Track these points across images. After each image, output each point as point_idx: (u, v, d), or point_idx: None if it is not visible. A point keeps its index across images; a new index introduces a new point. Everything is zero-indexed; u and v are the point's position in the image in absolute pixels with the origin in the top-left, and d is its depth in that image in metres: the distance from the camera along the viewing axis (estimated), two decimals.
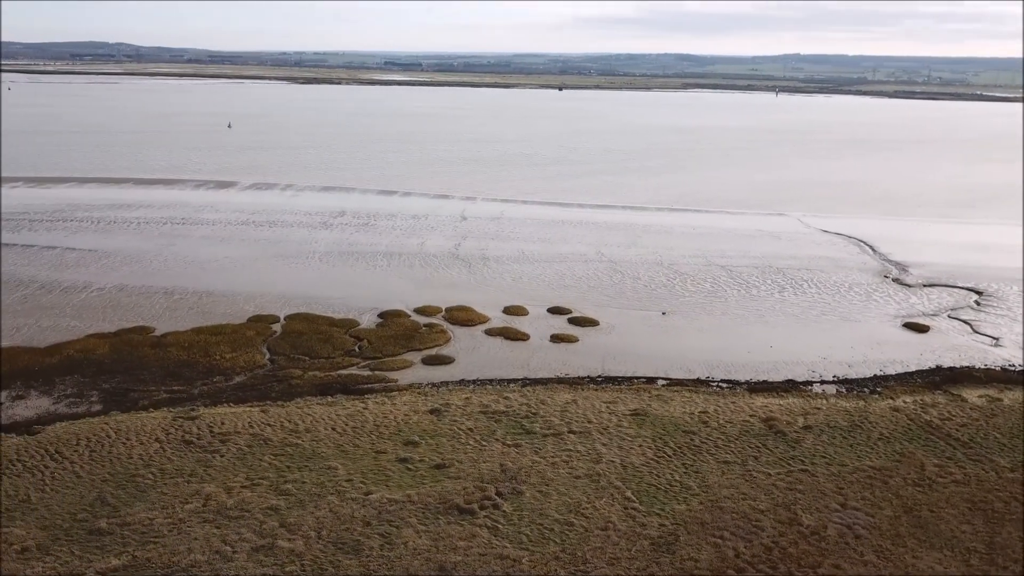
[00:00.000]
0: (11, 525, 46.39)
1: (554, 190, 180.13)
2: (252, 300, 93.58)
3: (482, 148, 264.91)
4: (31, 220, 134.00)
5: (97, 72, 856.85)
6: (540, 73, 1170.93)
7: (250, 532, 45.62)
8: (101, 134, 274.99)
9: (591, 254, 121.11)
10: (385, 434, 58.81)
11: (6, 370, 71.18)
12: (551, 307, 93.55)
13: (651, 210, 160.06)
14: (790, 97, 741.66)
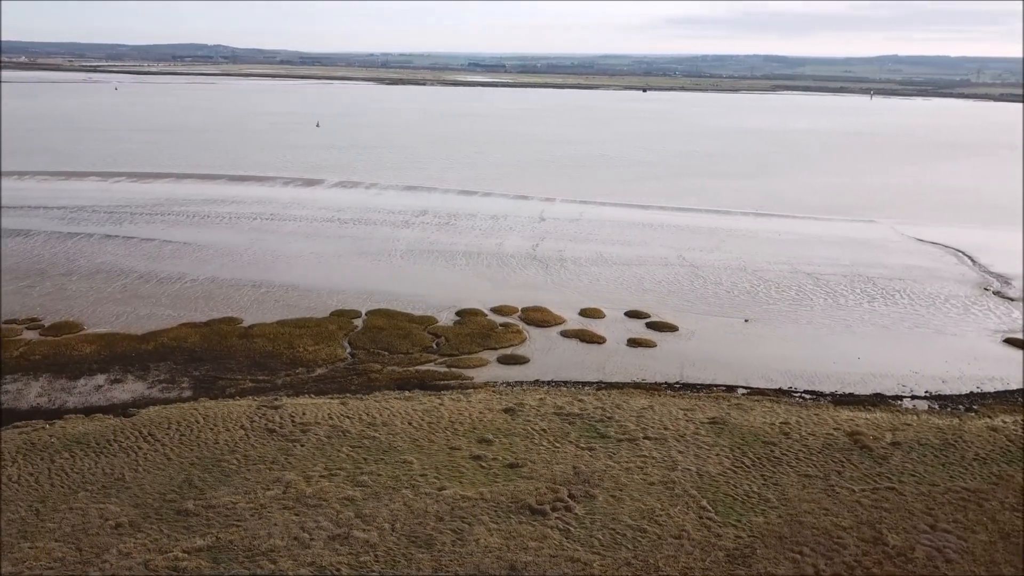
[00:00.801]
0: (106, 501, 48.91)
1: (634, 192, 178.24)
2: (335, 295, 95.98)
3: (562, 149, 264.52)
4: (132, 213, 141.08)
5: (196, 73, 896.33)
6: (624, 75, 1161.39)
7: (327, 521, 46.75)
8: (198, 132, 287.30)
9: (672, 258, 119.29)
10: (460, 431, 59.33)
11: (108, 353, 75.16)
12: (629, 311, 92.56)
13: (735, 214, 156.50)
14: (885, 100, 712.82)
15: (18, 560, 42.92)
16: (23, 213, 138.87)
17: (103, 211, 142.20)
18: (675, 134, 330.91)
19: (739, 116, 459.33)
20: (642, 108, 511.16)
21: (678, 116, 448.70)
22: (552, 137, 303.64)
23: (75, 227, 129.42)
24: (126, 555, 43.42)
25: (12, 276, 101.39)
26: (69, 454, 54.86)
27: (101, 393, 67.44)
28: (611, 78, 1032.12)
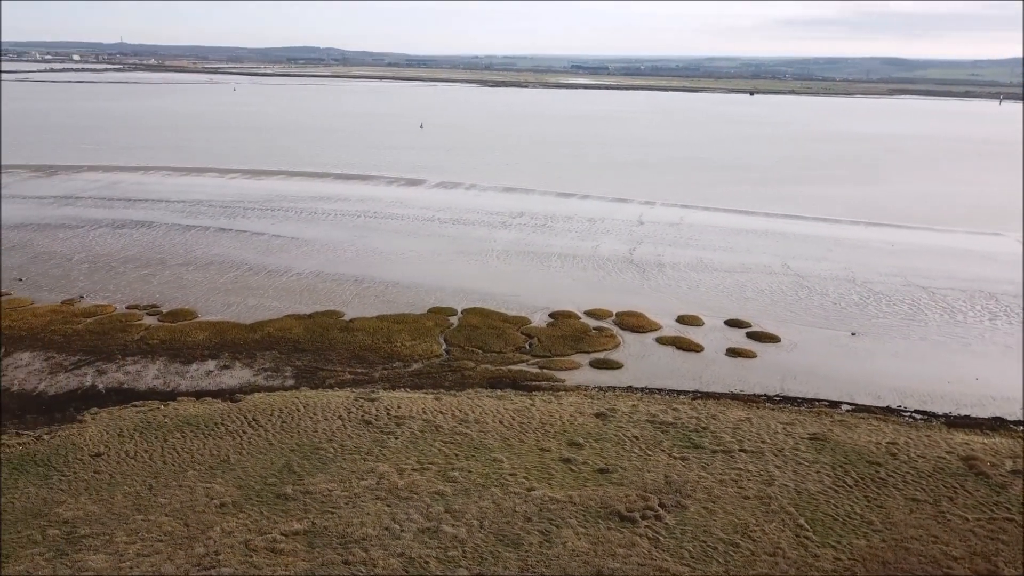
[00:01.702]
0: (212, 481, 51.37)
1: (736, 197, 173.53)
2: (433, 292, 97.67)
3: (663, 152, 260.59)
4: (245, 208, 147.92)
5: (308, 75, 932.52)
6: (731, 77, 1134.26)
7: (417, 514, 47.53)
8: (308, 131, 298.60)
9: (775, 266, 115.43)
10: (550, 432, 59.21)
11: (218, 341, 79.06)
12: (729, 319, 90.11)
13: (844, 223, 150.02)
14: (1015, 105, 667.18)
15: (132, 531, 45.61)
16: (148, 206, 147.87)
17: (219, 205, 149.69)
18: (781, 138, 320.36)
19: (851, 121, 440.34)
20: (748, 112, 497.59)
21: (785, 120, 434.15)
22: (653, 140, 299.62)
23: (193, 220, 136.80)
24: (228, 533, 45.44)
25: (136, 264, 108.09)
26: (180, 434, 57.94)
27: (211, 378, 70.95)
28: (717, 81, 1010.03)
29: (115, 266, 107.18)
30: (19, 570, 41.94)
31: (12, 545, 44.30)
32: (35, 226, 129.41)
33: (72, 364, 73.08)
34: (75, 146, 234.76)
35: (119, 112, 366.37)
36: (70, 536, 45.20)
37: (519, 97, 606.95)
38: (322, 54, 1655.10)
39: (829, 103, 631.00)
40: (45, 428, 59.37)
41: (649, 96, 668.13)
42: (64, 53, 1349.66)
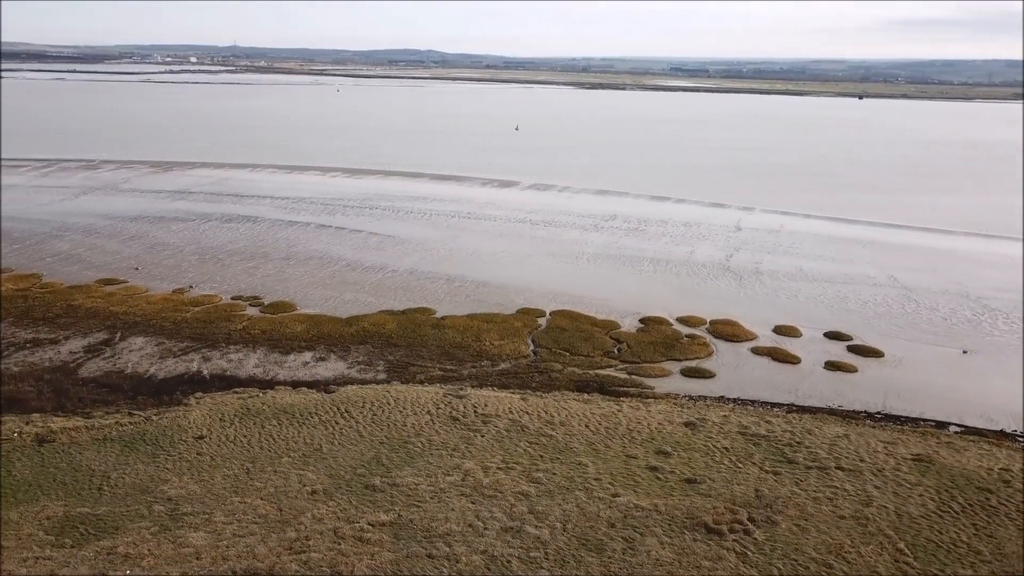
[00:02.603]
0: (305, 469, 53.10)
1: (840, 205, 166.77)
2: (522, 293, 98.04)
3: (764, 157, 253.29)
4: (344, 206, 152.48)
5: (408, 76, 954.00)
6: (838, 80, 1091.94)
7: (501, 512, 47.75)
8: (406, 132, 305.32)
9: (880, 277, 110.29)
10: (637, 439, 58.40)
11: (315, 333, 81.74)
12: (829, 331, 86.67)
13: (956, 234, 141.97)
14: None
15: (229, 512, 47.66)
16: (254, 202, 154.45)
17: (320, 203, 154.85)
18: (890, 144, 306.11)
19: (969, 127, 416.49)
20: (856, 116, 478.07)
21: (897, 126, 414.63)
22: (753, 144, 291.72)
23: (295, 216, 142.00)
24: (319, 520, 46.86)
25: (241, 257, 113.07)
26: (277, 422, 60.17)
27: (307, 369, 73.41)
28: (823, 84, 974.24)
29: (222, 258, 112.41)
30: (127, 541, 44.48)
31: (121, 518, 47.03)
32: (151, 218, 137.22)
33: (180, 350, 77.05)
34: (190, 143, 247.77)
35: (230, 111, 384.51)
36: (173, 513, 47.62)
37: (616, 99, 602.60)
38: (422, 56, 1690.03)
39: (945, 108, 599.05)
40: (154, 409, 62.80)
41: (751, 99, 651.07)
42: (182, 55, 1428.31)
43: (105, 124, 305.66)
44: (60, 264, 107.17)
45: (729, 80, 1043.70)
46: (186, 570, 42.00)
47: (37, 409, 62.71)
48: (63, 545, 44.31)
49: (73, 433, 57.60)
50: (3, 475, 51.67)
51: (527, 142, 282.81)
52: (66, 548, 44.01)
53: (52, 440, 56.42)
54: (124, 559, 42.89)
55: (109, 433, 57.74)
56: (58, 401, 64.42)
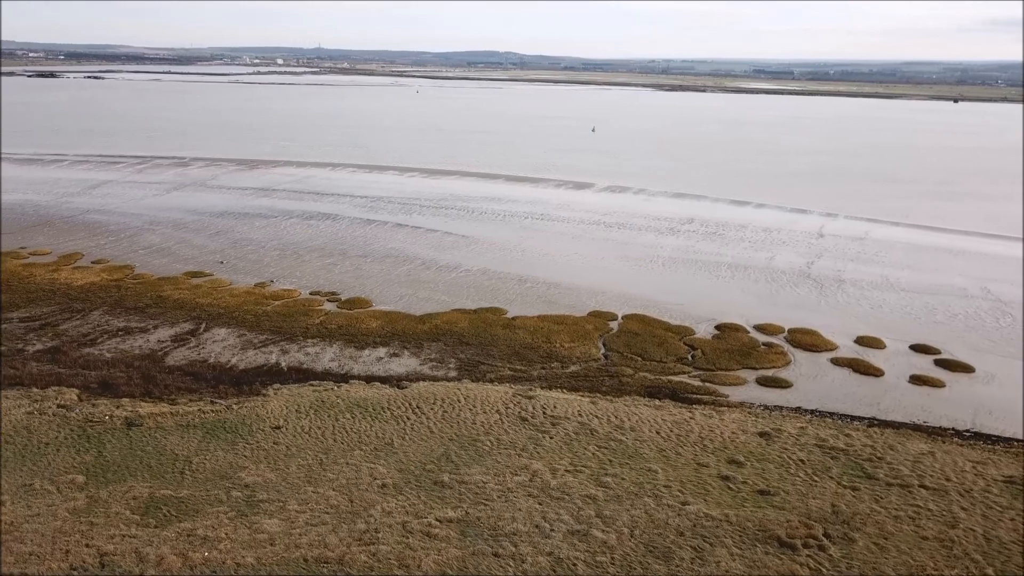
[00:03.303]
0: (376, 462, 54.05)
1: (930, 212, 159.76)
2: (594, 296, 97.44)
3: (850, 162, 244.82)
4: (420, 206, 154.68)
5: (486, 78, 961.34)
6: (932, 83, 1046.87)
7: (568, 515, 47.53)
8: (483, 133, 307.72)
9: (972, 289, 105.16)
10: (709, 448, 57.26)
11: (389, 330, 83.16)
12: (915, 344, 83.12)
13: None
14: None
15: (303, 501, 48.92)
16: (333, 200, 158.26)
17: (397, 202, 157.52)
18: (986, 151, 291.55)
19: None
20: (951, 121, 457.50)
21: (994, 131, 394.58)
22: (839, 149, 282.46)
23: (373, 215, 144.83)
24: (388, 513, 47.62)
25: (320, 254, 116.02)
26: (350, 415, 61.44)
27: (381, 364, 74.72)
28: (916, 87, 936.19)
29: (302, 254, 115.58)
30: (206, 524, 46.17)
31: (201, 501, 48.85)
32: (236, 214, 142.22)
33: (260, 342, 79.55)
34: (274, 142, 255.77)
35: (313, 111, 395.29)
36: (250, 499, 49.17)
37: (695, 101, 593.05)
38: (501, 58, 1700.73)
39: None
40: (235, 399, 65.00)
41: (837, 102, 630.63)
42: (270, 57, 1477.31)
43: (196, 123, 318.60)
44: (151, 256, 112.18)
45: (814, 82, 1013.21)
46: (260, 555, 43.30)
47: (127, 394, 65.77)
48: (147, 525, 46.30)
49: (159, 418, 60.16)
50: (95, 455, 54.37)
51: (603, 144, 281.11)
52: (150, 528, 45.98)
53: (140, 424, 59.07)
54: (203, 541, 44.52)
55: (192, 420, 60.08)
56: (146, 387, 67.39)
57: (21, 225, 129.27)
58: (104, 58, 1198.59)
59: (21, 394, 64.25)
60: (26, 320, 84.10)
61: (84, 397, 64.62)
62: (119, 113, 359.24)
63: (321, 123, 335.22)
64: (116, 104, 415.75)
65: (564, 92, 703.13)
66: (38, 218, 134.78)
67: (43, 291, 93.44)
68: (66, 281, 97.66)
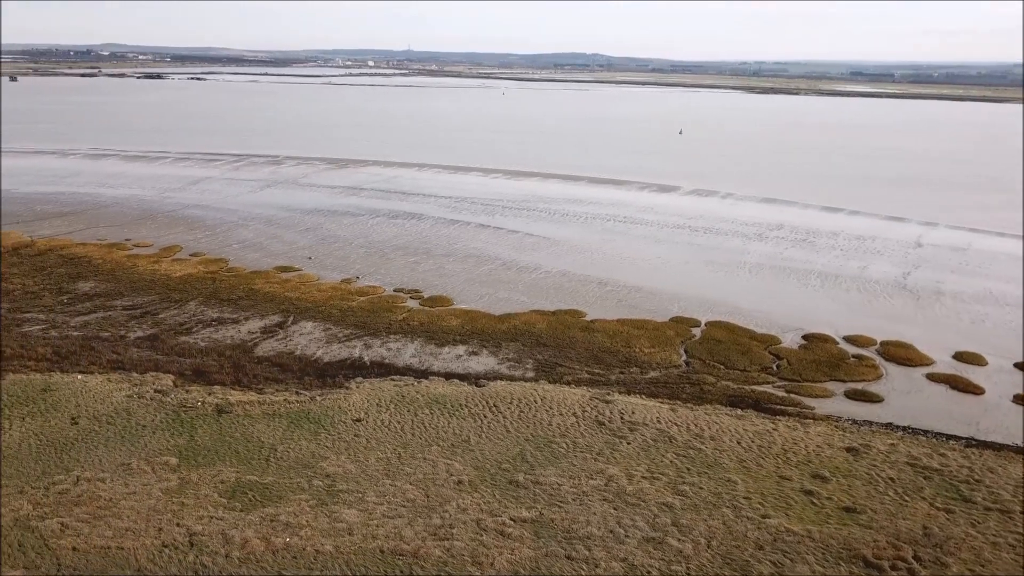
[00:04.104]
0: (453, 458, 54.62)
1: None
2: (676, 301, 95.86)
3: (951, 168, 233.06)
4: (503, 207, 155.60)
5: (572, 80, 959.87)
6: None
7: (643, 522, 46.87)
8: (566, 135, 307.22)
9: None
10: (792, 461, 55.47)
11: (469, 328, 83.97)
12: (1020, 362, 78.38)
13: None
14: None
15: (381, 493, 49.88)
16: (419, 200, 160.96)
17: (480, 203, 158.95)
18: None
19: None
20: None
21: None
22: (941, 154, 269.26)
23: (457, 215, 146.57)
24: (463, 510, 48.04)
25: (404, 252, 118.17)
26: (429, 411, 62.30)
27: (459, 362, 75.50)
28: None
29: (387, 252, 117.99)
30: (288, 511, 47.64)
31: (285, 488, 50.44)
32: (325, 212, 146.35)
33: (344, 336, 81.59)
34: (363, 142, 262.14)
35: (402, 112, 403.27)
36: (330, 489, 50.46)
37: (788, 104, 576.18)
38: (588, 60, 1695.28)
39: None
40: (318, 390, 66.87)
41: (940, 106, 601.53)
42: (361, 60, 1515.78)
43: (289, 123, 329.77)
44: (244, 251, 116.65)
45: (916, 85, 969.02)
46: (339, 544, 44.37)
47: (218, 382, 68.54)
48: (233, 508, 48.12)
49: (247, 406, 62.45)
50: (187, 439, 56.89)
51: (690, 147, 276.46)
52: (236, 511, 47.77)
53: (229, 411, 61.47)
54: (285, 527, 45.96)
55: (278, 409, 62.12)
56: (236, 376, 70.07)
57: (127, 218, 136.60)
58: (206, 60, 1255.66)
59: (122, 378, 67.84)
60: (128, 308, 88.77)
61: (179, 383, 67.73)
62: (219, 113, 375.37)
63: (408, 124, 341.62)
64: (216, 104, 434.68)
65: (651, 94, 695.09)
66: (142, 212, 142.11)
67: (145, 281, 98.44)
68: (166, 272, 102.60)
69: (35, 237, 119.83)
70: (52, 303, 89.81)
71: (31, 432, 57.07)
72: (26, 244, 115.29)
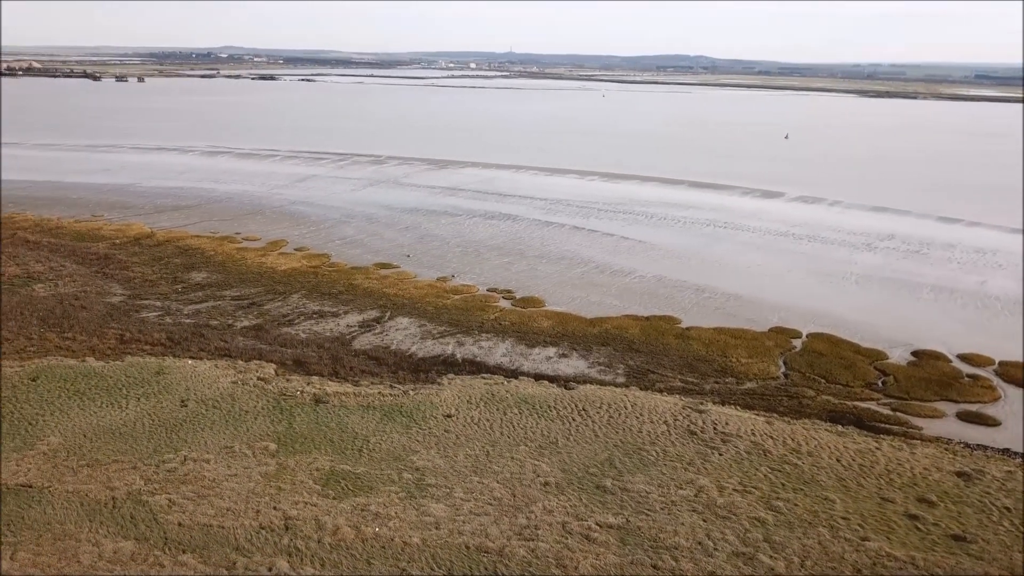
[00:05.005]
0: (540, 459, 54.61)
1: None
2: (777, 311, 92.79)
3: None
4: (598, 210, 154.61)
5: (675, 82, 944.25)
6: None
7: (733, 535, 45.54)
8: (665, 139, 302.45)
9: None
10: (896, 483, 52.70)
11: (560, 331, 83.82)
12: None
13: None
14: None
15: (468, 489, 50.39)
16: (515, 201, 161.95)
17: (575, 205, 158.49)
18: None
19: None
20: None
21: None
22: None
23: (551, 217, 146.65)
24: (549, 512, 47.95)
25: (499, 252, 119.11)
26: (518, 410, 62.52)
27: (549, 363, 75.43)
28: None
29: (482, 252, 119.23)
30: (378, 501, 48.77)
31: (376, 479, 51.66)
32: (424, 211, 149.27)
33: (438, 333, 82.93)
34: (463, 143, 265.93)
35: (501, 114, 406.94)
36: (419, 482, 51.36)
37: (904, 109, 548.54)
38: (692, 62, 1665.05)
39: None
40: (411, 385, 68.22)
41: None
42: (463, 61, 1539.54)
43: (392, 123, 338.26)
44: (346, 247, 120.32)
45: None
46: (426, 537, 45.09)
47: (317, 372, 70.95)
48: (327, 495, 49.66)
49: (343, 397, 64.34)
50: (286, 426, 59.10)
51: (797, 152, 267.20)
52: (329, 498, 49.27)
53: (326, 401, 63.50)
54: (375, 517, 47.07)
55: (372, 401, 63.72)
56: (334, 368, 72.34)
57: (238, 213, 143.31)
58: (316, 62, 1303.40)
59: (228, 365, 71.16)
60: (236, 299, 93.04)
61: (280, 372, 70.48)
62: (325, 113, 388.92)
63: (507, 126, 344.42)
64: (323, 105, 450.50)
65: (757, 97, 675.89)
66: (252, 207, 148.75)
67: (252, 273, 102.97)
68: (272, 266, 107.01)
69: (155, 229, 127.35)
70: (168, 291, 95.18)
71: (145, 412, 60.62)
72: (147, 235, 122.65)
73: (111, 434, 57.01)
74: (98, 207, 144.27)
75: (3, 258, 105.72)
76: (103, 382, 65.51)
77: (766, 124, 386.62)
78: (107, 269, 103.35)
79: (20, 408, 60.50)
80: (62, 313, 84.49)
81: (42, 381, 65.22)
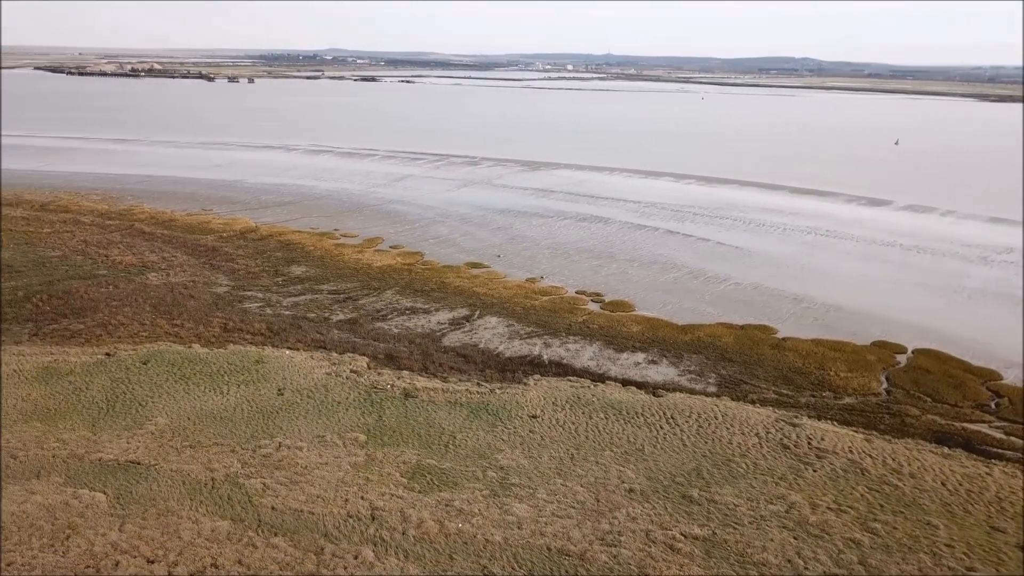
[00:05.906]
0: (625, 466, 53.92)
1: None
2: (880, 324, 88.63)
3: None
4: (693, 214, 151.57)
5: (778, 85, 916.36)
6: None
7: (826, 556, 43.73)
8: (767, 143, 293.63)
9: None
10: (1008, 511, 49.40)
11: (650, 336, 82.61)
12: None
13: None
14: None
15: (552, 491, 50.25)
16: (607, 204, 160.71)
17: (669, 209, 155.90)
18: None
19: None
20: None
21: None
22: None
23: (644, 220, 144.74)
24: (632, 519, 47.28)
25: (589, 255, 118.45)
26: (604, 415, 61.94)
27: (638, 369, 74.42)
28: None
29: (571, 254, 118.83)
30: (462, 497, 49.25)
31: (461, 476, 52.20)
32: (515, 212, 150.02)
33: (526, 334, 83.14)
34: (557, 145, 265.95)
35: (596, 116, 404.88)
36: (503, 481, 51.58)
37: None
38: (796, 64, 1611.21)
39: None
40: (498, 384, 68.64)
41: None
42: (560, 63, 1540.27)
43: (488, 124, 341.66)
44: (438, 246, 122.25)
45: None
46: (508, 536, 45.22)
47: (407, 367, 72.34)
48: (412, 489, 50.52)
49: (432, 392, 65.36)
50: (376, 419, 60.49)
51: (907, 158, 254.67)
52: (414, 492, 50.11)
53: (415, 396, 64.65)
54: (458, 513, 47.56)
55: (459, 398, 64.46)
56: (423, 363, 73.60)
57: (337, 210, 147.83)
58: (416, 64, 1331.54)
59: (323, 356, 73.46)
60: (333, 293, 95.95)
61: (372, 365, 72.23)
62: (423, 114, 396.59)
63: (602, 128, 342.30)
64: (422, 106, 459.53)
65: (865, 101, 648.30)
66: (351, 205, 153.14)
67: (349, 269, 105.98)
68: (367, 262, 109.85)
69: (259, 223, 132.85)
70: (269, 284, 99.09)
71: (244, 398, 63.26)
72: (252, 229, 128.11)
73: (213, 418, 59.76)
74: (208, 201, 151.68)
75: (121, 248, 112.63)
76: (207, 368, 68.77)
77: (874, 129, 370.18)
78: (214, 261, 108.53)
79: (132, 390, 64.23)
80: (172, 301, 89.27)
81: (152, 364, 69.04)
